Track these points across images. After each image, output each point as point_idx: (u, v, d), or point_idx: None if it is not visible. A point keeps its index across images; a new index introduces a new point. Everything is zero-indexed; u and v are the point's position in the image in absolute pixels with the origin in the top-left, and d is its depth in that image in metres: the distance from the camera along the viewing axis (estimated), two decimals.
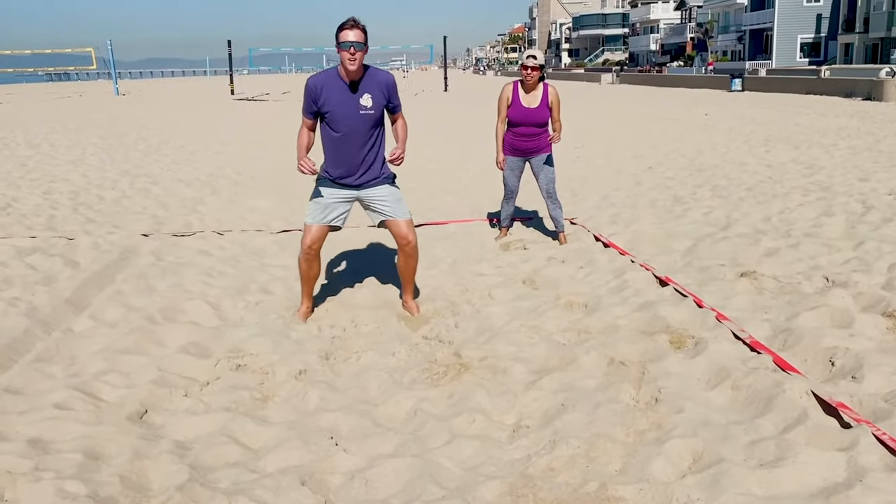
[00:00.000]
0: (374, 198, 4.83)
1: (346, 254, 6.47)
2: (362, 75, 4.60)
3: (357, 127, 4.63)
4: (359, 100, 4.60)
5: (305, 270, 4.93)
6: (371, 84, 4.62)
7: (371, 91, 4.61)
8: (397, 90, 4.80)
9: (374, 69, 4.70)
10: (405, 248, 4.92)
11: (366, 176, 4.77)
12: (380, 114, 4.69)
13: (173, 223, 7.67)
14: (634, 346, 4.22)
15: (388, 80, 4.70)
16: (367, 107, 4.61)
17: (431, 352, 4.36)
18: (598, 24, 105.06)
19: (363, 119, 4.63)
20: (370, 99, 4.60)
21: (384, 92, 4.67)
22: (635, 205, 8.27)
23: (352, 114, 4.61)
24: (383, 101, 4.67)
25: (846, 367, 3.75)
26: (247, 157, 13.17)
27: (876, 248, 5.82)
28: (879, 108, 22.83)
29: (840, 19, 51.64)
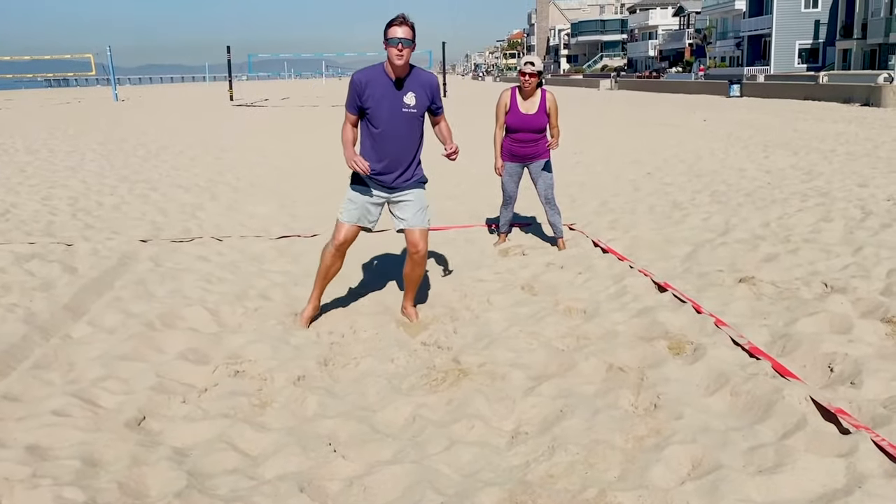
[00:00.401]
0: (402, 201, 4.81)
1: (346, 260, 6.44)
2: (408, 74, 4.58)
3: (398, 125, 4.62)
4: (403, 97, 4.59)
5: (327, 266, 4.89)
6: (415, 83, 4.61)
7: (415, 90, 4.60)
8: (441, 92, 4.77)
9: (420, 69, 4.68)
10: (414, 255, 4.90)
11: (402, 177, 4.76)
12: (421, 114, 4.68)
13: (172, 229, 7.67)
14: (633, 352, 4.22)
15: (432, 82, 4.70)
16: (410, 105, 4.59)
17: (430, 358, 4.35)
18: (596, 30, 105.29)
19: (405, 117, 4.62)
20: (413, 98, 4.59)
21: (428, 92, 4.65)
22: (634, 210, 8.28)
23: (395, 111, 4.59)
24: (426, 101, 4.66)
25: (845, 372, 3.75)
26: (246, 163, 13.17)
27: (874, 254, 5.82)
28: (877, 113, 22.89)
29: (838, 25, 51.75)
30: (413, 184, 4.82)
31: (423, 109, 4.68)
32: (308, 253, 6.66)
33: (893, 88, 26.12)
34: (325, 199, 9.56)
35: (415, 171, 4.82)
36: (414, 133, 4.70)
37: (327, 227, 7.77)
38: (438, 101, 4.76)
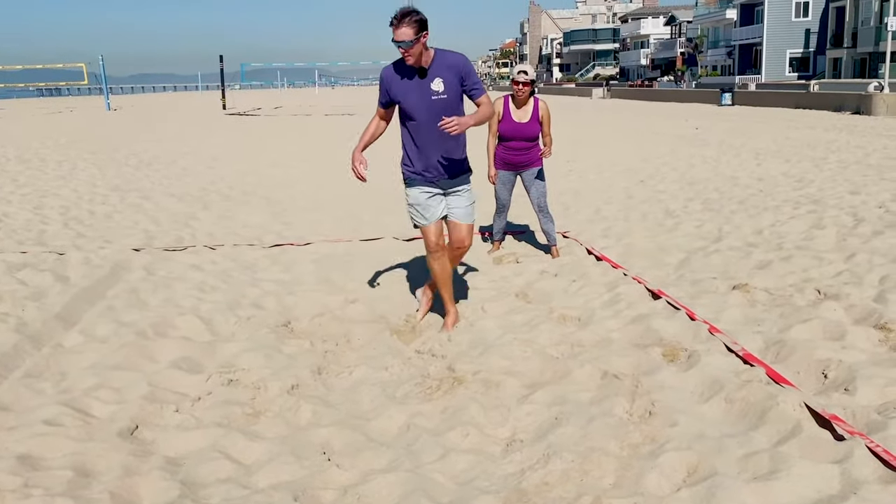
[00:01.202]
0: (453, 194, 4.76)
1: (339, 268, 6.45)
2: (432, 60, 4.45)
3: (431, 114, 4.47)
4: (429, 85, 4.46)
5: (439, 272, 4.85)
6: (441, 67, 4.44)
7: (442, 75, 4.45)
8: (474, 71, 4.56)
9: (444, 51, 4.52)
10: (457, 250, 4.91)
11: (448, 169, 4.66)
12: (454, 98, 4.49)
13: (165, 238, 7.64)
14: (627, 359, 4.22)
15: (458, 62, 4.49)
16: (438, 91, 4.45)
17: (424, 366, 4.34)
18: (588, 39, 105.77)
19: (436, 105, 4.46)
20: (441, 83, 4.44)
21: (457, 75, 4.46)
22: (627, 218, 8.29)
23: (424, 100, 4.47)
24: (456, 84, 4.46)
25: (839, 379, 3.76)
26: (238, 172, 13.15)
27: (867, 261, 5.84)
28: (868, 121, 23.01)
29: (828, 34, 52.13)
30: (463, 178, 4.76)
31: (456, 94, 4.48)
32: (301, 262, 6.66)
33: (883, 97, 26.27)
34: (317, 207, 9.57)
35: (462, 163, 4.73)
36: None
37: (320, 235, 7.78)
38: (472, 81, 4.50)
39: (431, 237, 4.78)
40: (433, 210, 4.76)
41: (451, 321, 4.97)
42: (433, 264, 4.88)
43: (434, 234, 4.78)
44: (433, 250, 4.82)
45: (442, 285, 4.93)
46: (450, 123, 4.28)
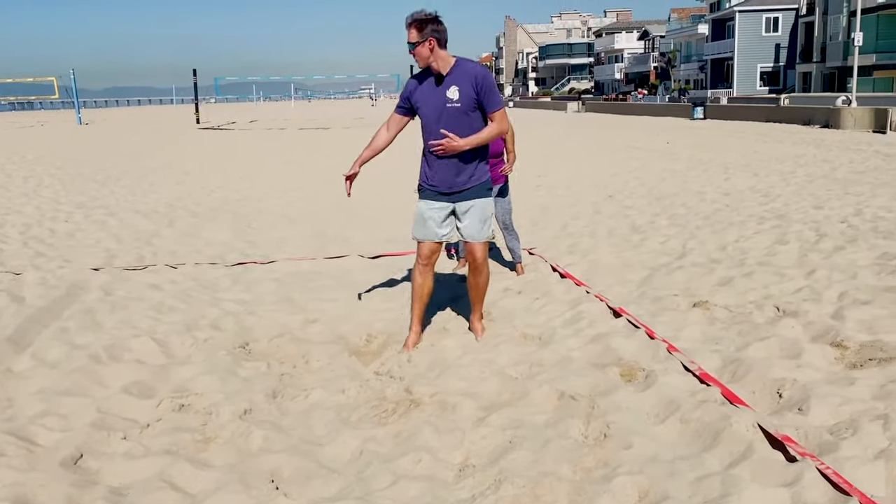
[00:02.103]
0: (463, 212, 4.71)
1: (301, 287, 6.38)
2: (451, 68, 4.46)
3: (444, 122, 4.46)
4: (445, 92, 4.45)
5: (418, 286, 4.83)
6: (460, 76, 4.44)
7: (459, 84, 4.44)
8: (493, 86, 4.52)
9: (465, 60, 4.54)
10: (470, 263, 4.89)
11: (459, 181, 4.60)
12: (468, 108, 4.47)
13: (126, 256, 7.52)
14: (585, 379, 4.19)
15: (477, 73, 4.46)
16: (453, 99, 4.44)
17: (382, 388, 4.28)
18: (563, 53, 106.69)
19: (450, 113, 4.45)
20: (457, 91, 4.44)
21: (473, 85, 4.43)
22: (594, 234, 8.30)
23: (439, 107, 4.47)
24: (472, 94, 4.44)
25: (793, 398, 3.75)
26: (207, 188, 13.03)
27: (826, 277, 5.88)
28: (836, 135, 23.36)
29: (798, 49, 52.94)
30: (475, 191, 4.67)
31: (470, 103, 4.45)
32: (263, 280, 6.58)
33: (851, 111, 26.71)
34: (285, 223, 9.49)
35: (473, 174, 4.64)
36: (463, 131, 4.47)
37: (285, 253, 7.71)
38: (486, 94, 4.46)
39: (422, 251, 4.80)
40: (431, 229, 4.74)
41: (410, 341, 4.91)
42: (415, 277, 4.88)
43: (426, 249, 4.78)
44: (421, 263, 4.83)
45: (414, 300, 4.91)
46: (439, 144, 4.41)
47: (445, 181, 4.64)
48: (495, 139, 4.82)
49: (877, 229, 7.70)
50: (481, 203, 4.74)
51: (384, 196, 11.45)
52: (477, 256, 4.86)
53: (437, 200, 4.71)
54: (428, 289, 4.89)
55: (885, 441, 3.25)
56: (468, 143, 4.49)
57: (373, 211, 10.10)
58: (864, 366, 4.14)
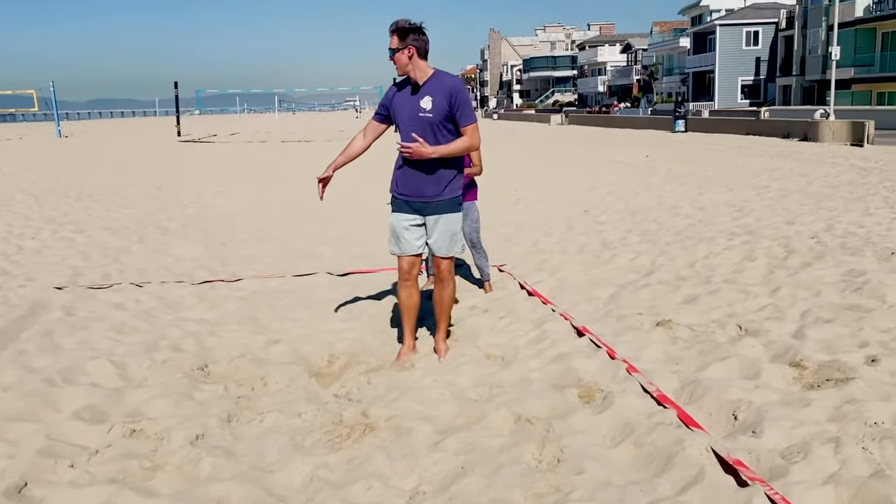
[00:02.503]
0: (431, 225, 4.72)
1: (266, 305, 6.32)
2: (428, 78, 4.52)
3: (414, 129, 4.49)
4: (419, 102, 4.50)
5: (404, 300, 4.89)
6: (435, 87, 4.51)
7: (433, 94, 4.49)
8: (468, 100, 4.56)
9: (443, 73, 4.59)
10: (437, 276, 4.92)
11: (428, 192, 4.62)
12: (440, 119, 4.49)
13: (92, 274, 7.43)
14: (544, 401, 4.16)
15: (453, 86, 4.52)
16: (425, 109, 4.48)
17: (339, 411, 4.23)
18: (547, 66, 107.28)
19: (422, 122, 4.49)
20: (430, 102, 4.48)
21: (447, 97, 4.47)
22: (565, 250, 8.29)
23: (412, 115, 4.52)
24: (445, 106, 4.48)
25: (748, 421, 3.74)
26: (180, 203, 12.95)
27: (791, 295, 5.88)
28: (814, 148, 23.54)
29: (778, 62, 53.47)
30: (444, 205, 4.68)
31: (442, 115, 4.49)
32: (229, 299, 6.52)
33: (829, 124, 26.94)
34: (256, 239, 9.43)
35: (443, 188, 4.64)
36: (432, 141, 4.50)
37: (254, 270, 7.64)
38: (460, 108, 4.50)
39: (402, 265, 4.85)
40: (407, 242, 4.77)
41: (403, 353, 4.96)
42: (400, 292, 4.94)
43: (406, 263, 4.83)
44: (402, 278, 4.89)
45: (403, 315, 4.97)
46: (406, 146, 4.45)
47: (414, 190, 4.67)
48: (464, 153, 4.81)
49: (845, 245, 7.73)
50: (450, 218, 4.75)
51: (358, 211, 11.42)
52: (443, 269, 4.88)
53: (407, 213, 4.75)
54: (414, 301, 4.94)
55: (835, 465, 3.24)
56: (436, 151, 4.51)
57: (346, 227, 10.06)
58: (821, 386, 4.13)
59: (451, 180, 4.68)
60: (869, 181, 13.93)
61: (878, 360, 4.37)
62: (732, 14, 58.22)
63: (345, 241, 9.15)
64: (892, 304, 5.61)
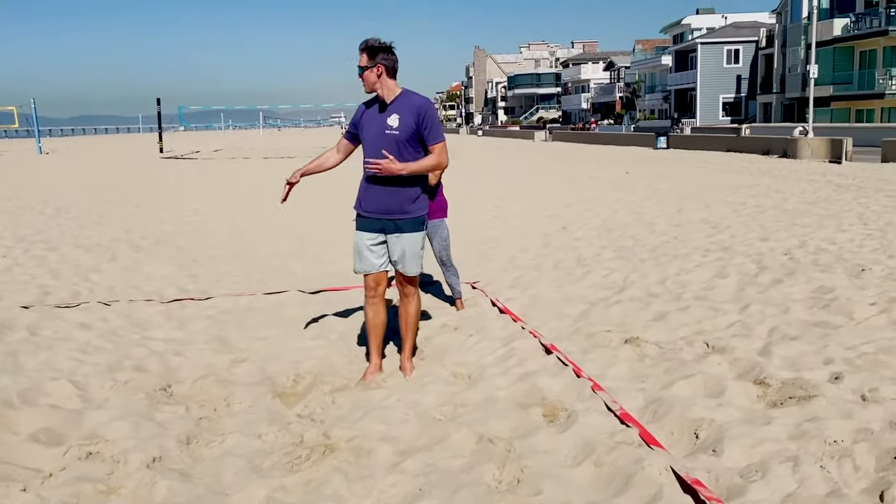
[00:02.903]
0: (393, 244, 4.73)
1: (235, 324, 6.26)
2: (396, 97, 4.56)
3: (380, 147, 4.52)
4: (386, 119, 4.53)
5: (370, 318, 4.89)
6: (403, 106, 4.55)
7: (400, 112, 4.53)
8: (435, 119, 4.61)
9: (411, 92, 4.62)
10: (399, 292, 4.95)
11: (391, 208, 4.63)
12: (406, 137, 4.52)
13: (60, 293, 7.34)
14: (507, 420, 4.13)
15: (420, 104, 4.55)
16: (392, 127, 4.51)
17: (301, 432, 4.18)
18: (531, 83, 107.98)
19: (388, 140, 4.52)
20: (397, 119, 4.51)
21: (414, 116, 4.51)
22: (539, 267, 8.28)
23: (378, 133, 4.54)
24: (412, 125, 4.51)
25: (709, 439, 3.72)
26: (157, 220, 12.85)
27: (760, 311, 5.89)
28: (793, 165, 23.74)
29: (758, 80, 54.06)
30: (406, 223, 4.69)
31: (409, 133, 4.52)
32: (197, 318, 6.45)
33: (808, 141, 27.20)
34: (230, 257, 9.36)
35: (407, 206, 4.66)
36: (400, 160, 4.51)
37: (225, 288, 7.58)
38: (429, 126, 4.53)
39: (368, 282, 4.87)
40: (370, 261, 4.79)
41: (368, 372, 4.94)
42: (366, 309, 4.94)
43: (371, 280, 4.84)
44: (368, 295, 4.90)
45: (369, 333, 4.96)
46: (375, 163, 4.46)
47: (378, 207, 4.68)
48: (432, 170, 4.82)
49: (817, 262, 7.77)
50: (412, 237, 4.76)
51: (334, 227, 11.36)
52: (406, 287, 4.91)
53: (370, 231, 4.76)
54: (381, 319, 4.94)
55: (793, 484, 3.23)
56: (405, 168, 4.53)
57: (321, 244, 10.01)
58: (783, 404, 4.12)
59: (415, 199, 4.69)
60: (844, 198, 14.05)
61: (841, 378, 4.37)
62: (713, 32, 58.87)
63: (319, 258, 9.11)
64: (860, 320, 5.63)
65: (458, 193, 15.30)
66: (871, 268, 7.32)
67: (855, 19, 42.82)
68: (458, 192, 15.45)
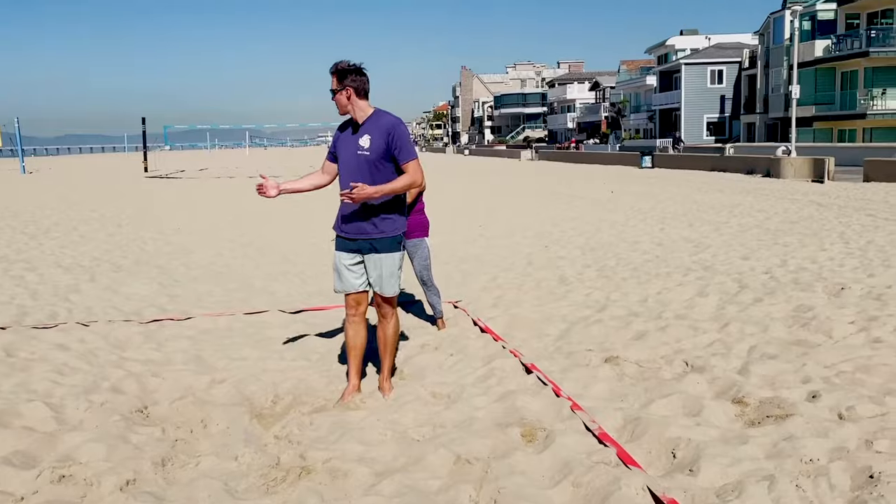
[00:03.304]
0: (371, 264, 4.73)
1: (214, 344, 6.22)
2: (368, 117, 4.59)
3: (355, 169, 4.55)
4: (358, 140, 4.57)
5: (350, 338, 4.89)
6: (374, 126, 4.58)
7: (371, 133, 4.56)
8: (406, 137, 4.63)
9: (382, 112, 4.65)
10: (378, 313, 4.93)
11: (368, 228, 4.64)
12: (378, 157, 4.54)
13: (38, 314, 7.27)
14: (485, 440, 4.10)
15: (390, 124, 4.57)
16: (364, 147, 4.54)
17: (277, 453, 4.14)
18: (518, 102, 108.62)
19: (360, 161, 4.56)
20: (368, 140, 4.54)
21: (384, 136, 4.53)
22: (521, 286, 8.28)
23: (351, 155, 4.58)
24: (383, 145, 4.53)
25: (686, 459, 3.71)
26: (139, 239, 12.78)
27: (739, 330, 5.91)
28: (776, 184, 23.93)
29: (742, 100, 54.59)
30: (383, 243, 4.68)
31: (380, 153, 4.53)
32: (177, 338, 6.40)
33: (791, 160, 27.46)
34: (211, 277, 9.31)
35: (384, 225, 4.67)
36: (373, 179, 4.53)
37: (206, 308, 7.53)
38: (399, 145, 4.55)
39: (347, 302, 4.88)
40: (349, 280, 4.79)
41: (347, 393, 4.91)
42: (346, 329, 4.94)
43: (350, 300, 4.85)
44: (349, 315, 4.90)
45: (349, 353, 4.95)
46: (346, 194, 4.46)
47: (355, 228, 4.70)
48: (407, 190, 4.80)
49: (797, 281, 7.82)
50: (389, 257, 4.76)
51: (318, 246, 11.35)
52: (384, 307, 4.90)
53: (348, 251, 4.77)
54: (361, 339, 4.93)
55: (768, 503, 3.22)
56: (378, 190, 4.52)
57: (303, 264, 9.97)
58: (761, 423, 4.13)
59: (392, 219, 4.70)
60: (826, 217, 14.16)
61: (818, 396, 4.38)
62: (697, 53, 59.46)
63: (301, 278, 9.08)
64: (838, 339, 5.66)
65: (444, 213, 15.35)
66: (850, 286, 7.37)
67: (836, 41, 43.38)
68: (444, 212, 15.49)
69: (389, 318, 4.92)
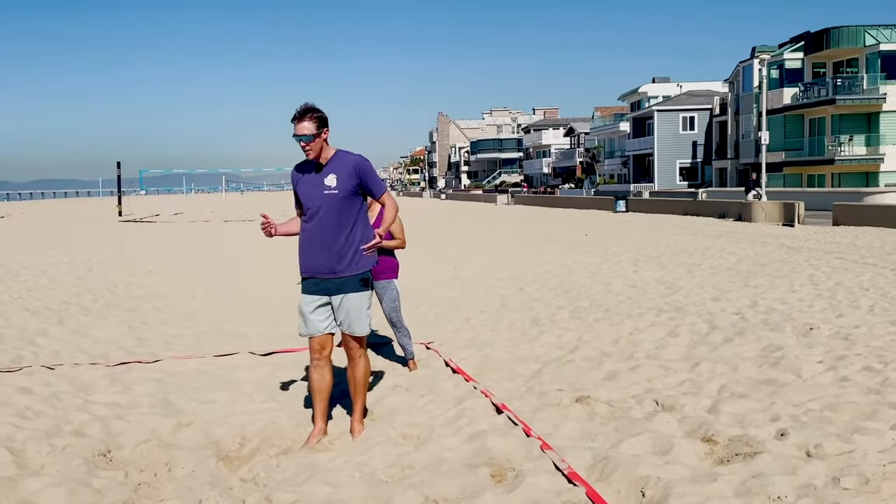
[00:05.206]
0: (337, 304, 4.70)
1: (182, 387, 6.13)
2: (331, 157, 4.60)
3: (320, 208, 4.55)
4: (323, 180, 4.55)
5: (315, 381, 4.83)
6: (338, 165, 4.58)
7: (337, 172, 4.56)
8: (373, 171, 4.69)
9: (345, 152, 4.66)
10: (347, 355, 4.89)
11: (330, 266, 4.62)
12: (346, 195, 4.56)
13: (3, 357, 7.12)
14: (454, 481, 4.05)
15: (357, 162, 4.61)
16: (330, 186, 4.53)
17: (242, 497, 4.05)
18: (494, 148, 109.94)
19: (327, 200, 4.55)
20: (335, 179, 4.54)
21: (352, 174, 4.56)
22: (494, 327, 8.28)
23: (316, 194, 4.56)
24: (351, 183, 4.56)
25: (655, 497, 3.70)
26: (109, 283, 12.63)
27: (710, 370, 5.94)
28: (747, 228, 24.28)
29: (713, 146, 55.64)
30: (349, 283, 4.66)
31: (348, 191, 4.56)
32: (144, 381, 6.30)
33: (762, 205, 27.91)
34: (182, 320, 9.21)
35: (346, 264, 4.64)
36: (340, 218, 4.57)
37: (175, 350, 7.43)
38: (369, 181, 4.63)
39: (313, 345, 4.83)
40: (315, 324, 4.76)
41: (312, 436, 4.85)
42: (310, 373, 4.89)
43: (315, 343, 4.81)
44: (313, 358, 4.85)
45: (314, 397, 4.90)
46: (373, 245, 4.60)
47: (318, 266, 4.69)
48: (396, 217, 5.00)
49: (767, 321, 7.89)
50: (356, 296, 4.74)
51: (286, 292, 11.27)
52: (352, 348, 4.86)
53: (313, 294, 4.76)
54: (326, 383, 4.89)
55: None
56: (383, 230, 4.79)
57: (273, 308, 9.89)
58: (730, 461, 4.13)
59: (354, 254, 4.68)
60: (796, 259, 14.37)
61: (787, 434, 4.40)
62: (669, 100, 60.71)
63: (273, 321, 9.00)
64: (807, 378, 5.71)
65: (419, 255, 15.36)
66: (819, 326, 7.46)
67: (803, 89, 44.52)
68: (419, 254, 15.50)
69: (358, 360, 4.89)
